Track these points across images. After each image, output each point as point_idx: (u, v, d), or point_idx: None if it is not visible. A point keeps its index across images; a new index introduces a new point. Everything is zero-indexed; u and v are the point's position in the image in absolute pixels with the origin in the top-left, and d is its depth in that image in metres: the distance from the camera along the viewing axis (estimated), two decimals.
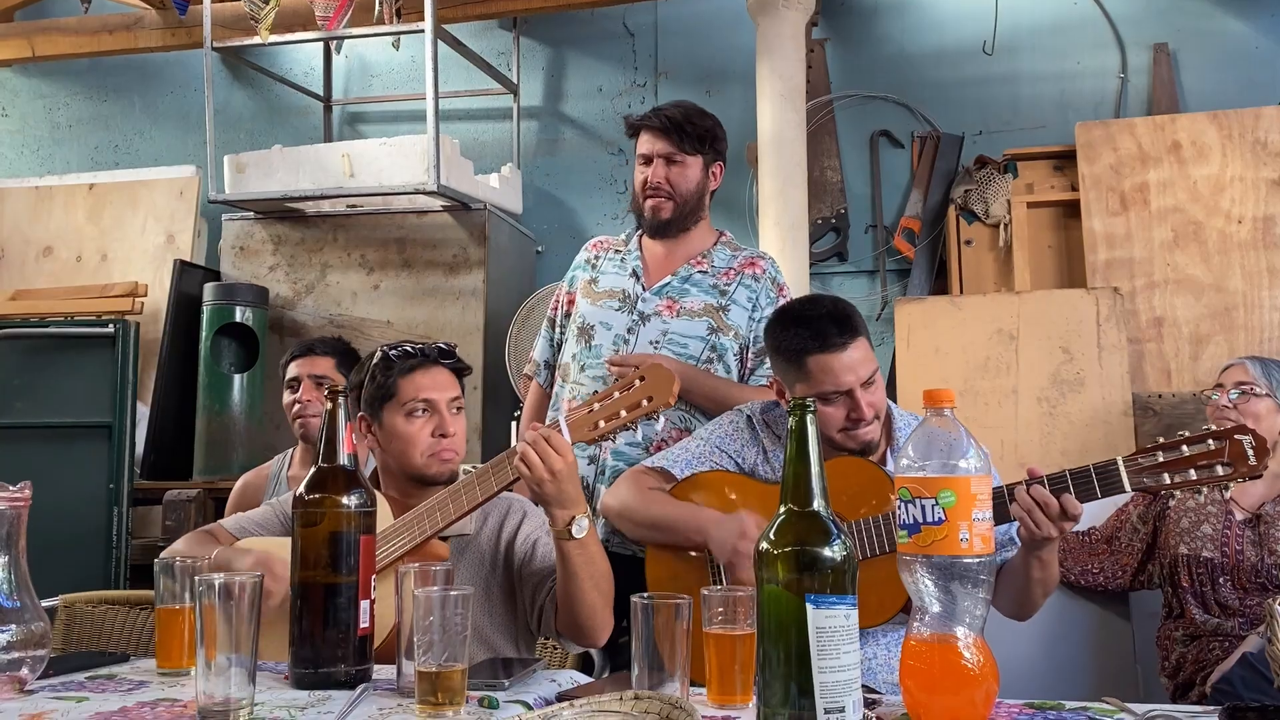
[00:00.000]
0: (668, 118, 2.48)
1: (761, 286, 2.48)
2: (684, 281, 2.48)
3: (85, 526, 3.68)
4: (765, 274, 2.51)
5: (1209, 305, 3.65)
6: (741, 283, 2.48)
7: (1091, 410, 3.39)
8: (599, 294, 2.54)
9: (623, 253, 2.59)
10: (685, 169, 2.48)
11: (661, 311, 2.46)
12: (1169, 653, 2.56)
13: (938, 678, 1.20)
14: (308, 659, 1.45)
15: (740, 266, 2.51)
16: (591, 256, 2.63)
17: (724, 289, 2.47)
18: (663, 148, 2.47)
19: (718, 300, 2.45)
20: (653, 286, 2.49)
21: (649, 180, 2.48)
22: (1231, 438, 1.67)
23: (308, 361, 2.70)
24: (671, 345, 2.42)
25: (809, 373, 1.94)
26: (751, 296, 2.47)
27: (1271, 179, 3.68)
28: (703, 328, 2.43)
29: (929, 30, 4.38)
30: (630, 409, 1.68)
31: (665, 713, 1.12)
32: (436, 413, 1.88)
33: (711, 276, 2.49)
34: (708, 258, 2.51)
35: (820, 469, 1.13)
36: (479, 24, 4.68)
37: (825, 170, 4.36)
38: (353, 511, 1.48)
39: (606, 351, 2.45)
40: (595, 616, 1.74)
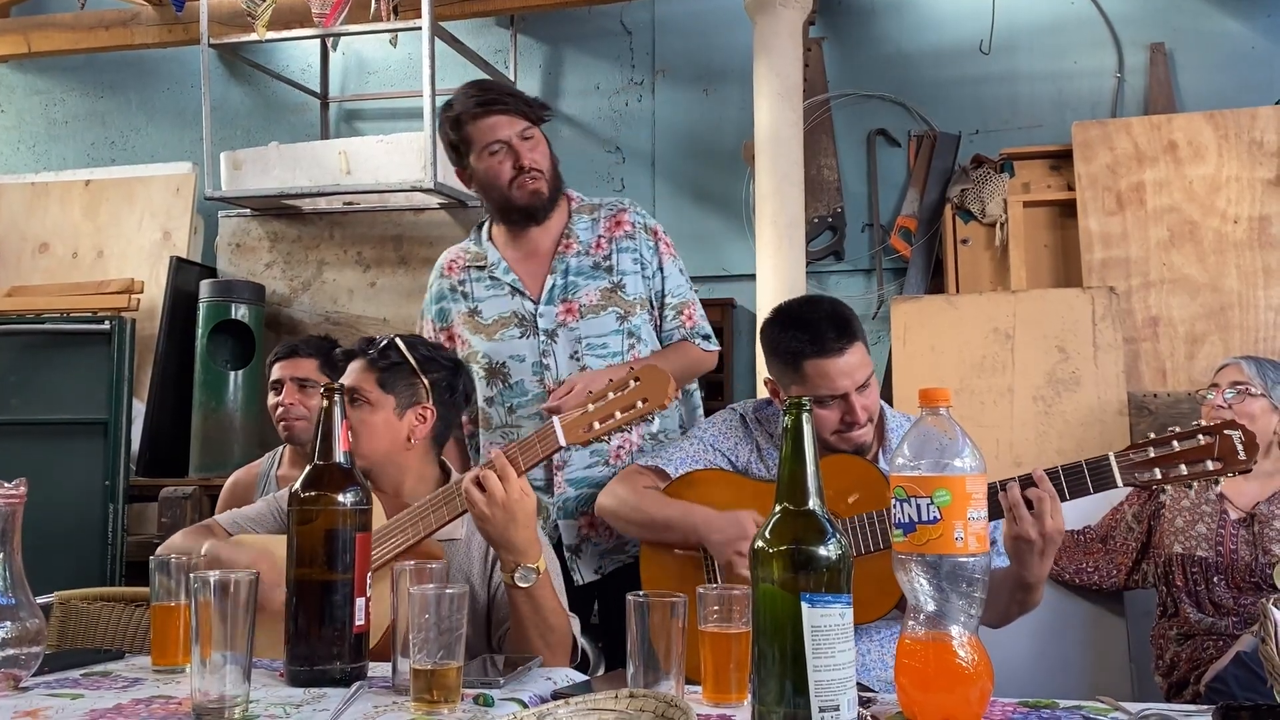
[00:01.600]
0: (505, 93, 2.28)
1: (639, 241, 2.34)
2: (565, 275, 2.31)
3: (81, 523, 3.68)
4: (636, 227, 2.35)
5: (1204, 305, 3.66)
6: (618, 248, 2.33)
7: (1087, 409, 3.39)
8: (489, 326, 2.33)
9: (486, 267, 2.36)
10: (539, 142, 2.29)
11: (564, 320, 2.29)
12: (1163, 652, 2.56)
13: (932, 676, 1.20)
14: (303, 656, 1.45)
15: (608, 230, 2.34)
16: (454, 283, 2.39)
17: (606, 264, 2.32)
18: (519, 126, 2.24)
19: (609, 280, 2.30)
20: (540, 296, 2.31)
21: (521, 163, 2.24)
22: (1222, 433, 1.68)
23: (290, 364, 2.70)
24: (591, 352, 2.28)
25: (805, 376, 1.94)
26: (635, 257, 2.33)
27: (1267, 179, 3.68)
28: (612, 320, 2.29)
29: (926, 29, 4.38)
30: (625, 410, 1.65)
31: (660, 711, 1.12)
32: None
33: (588, 256, 2.32)
34: (571, 234, 2.33)
35: (816, 468, 1.13)
36: (476, 21, 4.68)
37: (822, 169, 4.37)
38: (348, 509, 1.48)
39: (530, 384, 2.30)
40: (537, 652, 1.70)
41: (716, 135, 4.54)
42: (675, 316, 2.36)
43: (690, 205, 4.56)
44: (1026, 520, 1.67)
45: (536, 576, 1.63)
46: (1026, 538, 1.67)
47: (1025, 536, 1.67)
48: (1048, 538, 1.67)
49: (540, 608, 1.66)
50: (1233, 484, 2.58)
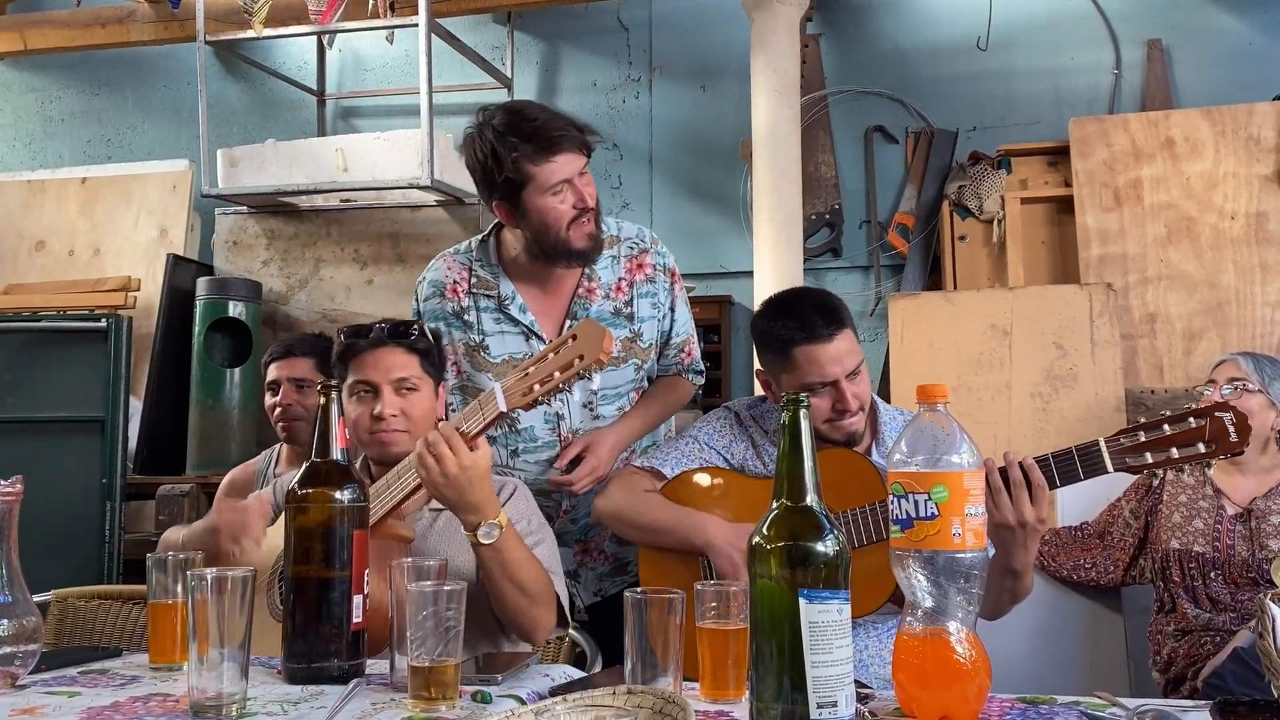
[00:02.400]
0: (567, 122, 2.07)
1: (658, 285, 2.24)
2: None
3: (78, 521, 3.67)
4: (657, 269, 2.25)
5: (1202, 301, 3.66)
6: (638, 294, 2.22)
7: (1084, 406, 3.39)
8: (497, 365, 2.18)
9: (495, 297, 2.19)
10: (590, 177, 2.12)
11: None
12: (1160, 648, 2.57)
13: (930, 672, 1.20)
14: (301, 653, 1.45)
15: (629, 274, 2.22)
16: (456, 308, 2.21)
17: (627, 311, 2.21)
18: (579, 163, 2.07)
19: (628, 329, 2.20)
20: None
21: (579, 202, 2.06)
22: (1212, 415, 1.67)
23: (286, 364, 2.69)
24: (606, 402, 2.20)
25: (795, 363, 1.95)
26: (654, 301, 2.24)
27: (1264, 175, 3.68)
28: (630, 371, 2.21)
29: (923, 26, 4.38)
30: (564, 369, 1.63)
31: (658, 707, 1.12)
32: (377, 395, 1.87)
33: (608, 300, 2.20)
34: (593, 278, 2.19)
35: (814, 464, 1.13)
36: (473, 18, 4.68)
37: (819, 166, 4.37)
38: (346, 506, 1.48)
39: (541, 432, 2.19)
40: (521, 617, 1.71)
41: (714, 132, 4.54)
42: (676, 353, 2.31)
43: (688, 202, 4.56)
44: (1006, 507, 1.66)
45: (500, 531, 1.65)
46: (1006, 524, 1.67)
47: (1005, 524, 1.67)
48: (1027, 526, 1.66)
49: (508, 563, 1.67)
50: (1230, 480, 2.58)
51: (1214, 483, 2.58)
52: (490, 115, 2.09)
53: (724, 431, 2.12)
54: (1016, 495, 1.66)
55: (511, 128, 2.03)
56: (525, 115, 2.06)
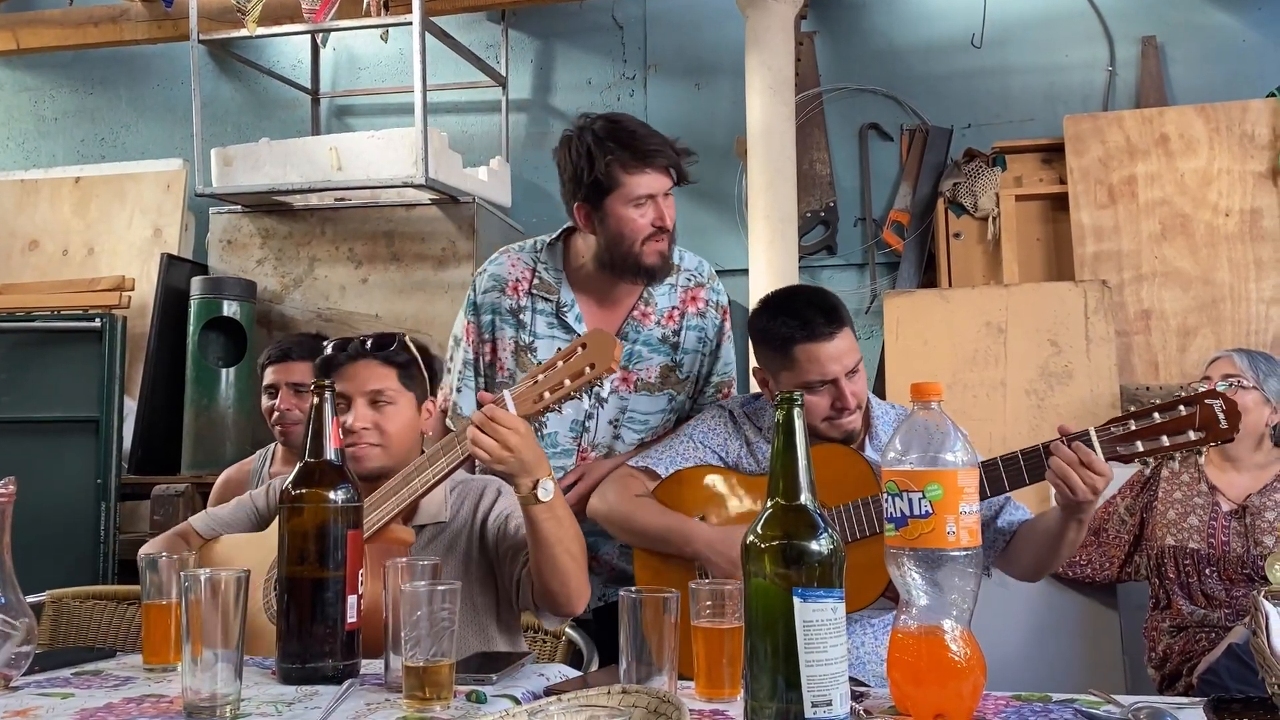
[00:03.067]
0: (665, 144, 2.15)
1: (708, 321, 2.29)
2: (634, 343, 2.22)
3: (72, 522, 3.66)
4: (709, 305, 2.29)
5: (1196, 298, 3.66)
6: (687, 325, 2.26)
7: (1079, 402, 3.40)
8: None
9: (554, 302, 2.22)
10: (673, 201, 2.19)
11: (618, 388, 2.21)
12: (1156, 644, 2.57)
13: (925, 670, 1.20)
14: (295, 654, 1.45)
15: (683, 304, 2.27)
16: (513, 305, 2.23)
17: (674, 340, 2.25)
18: (664, 184, 2.14)
19: (670, 358, 2.25)
20: None
21: (658, 220, 2.11)
22: (1202, 402, 1.68)
23: (284, 368, 2.68)
24: (631, 425, 2.24)
25: (795, 362, 1.95)
26: (701, 336, 2.29)
27: (1258, 172, 3.69)
28: (663, 400, 2.26)
29: (917, 23, 4.38)
30: (574, 377, 1.65)
31: (653, 706, 1.12)
32: (350, 408, 1.87)
33: (659, 326, 2.25)
34: (650, 302, 2.24)
35: (808, 462, 1.13)
36: (467, 16, 4.67)
37: (814, 163, 4.37)
38: (340, 506, 1.48)
39: (564, 440, 2.23)
40: (570, 582, 1.72)
41: (708, 130, 4.53)
42: (714, 393, 2.31)
43: (682, 200, 4.51)
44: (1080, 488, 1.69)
45: (554, 485, 1.67)
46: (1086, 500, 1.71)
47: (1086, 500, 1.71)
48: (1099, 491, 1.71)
49: (562, 519, 1.69)
50: (1224, 476, 2.59)
51: (1209, 479, 2.59)
52: (593, 120, 2.14)
53: (718, 430, 2.12)
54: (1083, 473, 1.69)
55: (612, 134, 2.09)
56: (627, 126, 2.12)
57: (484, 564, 1.89)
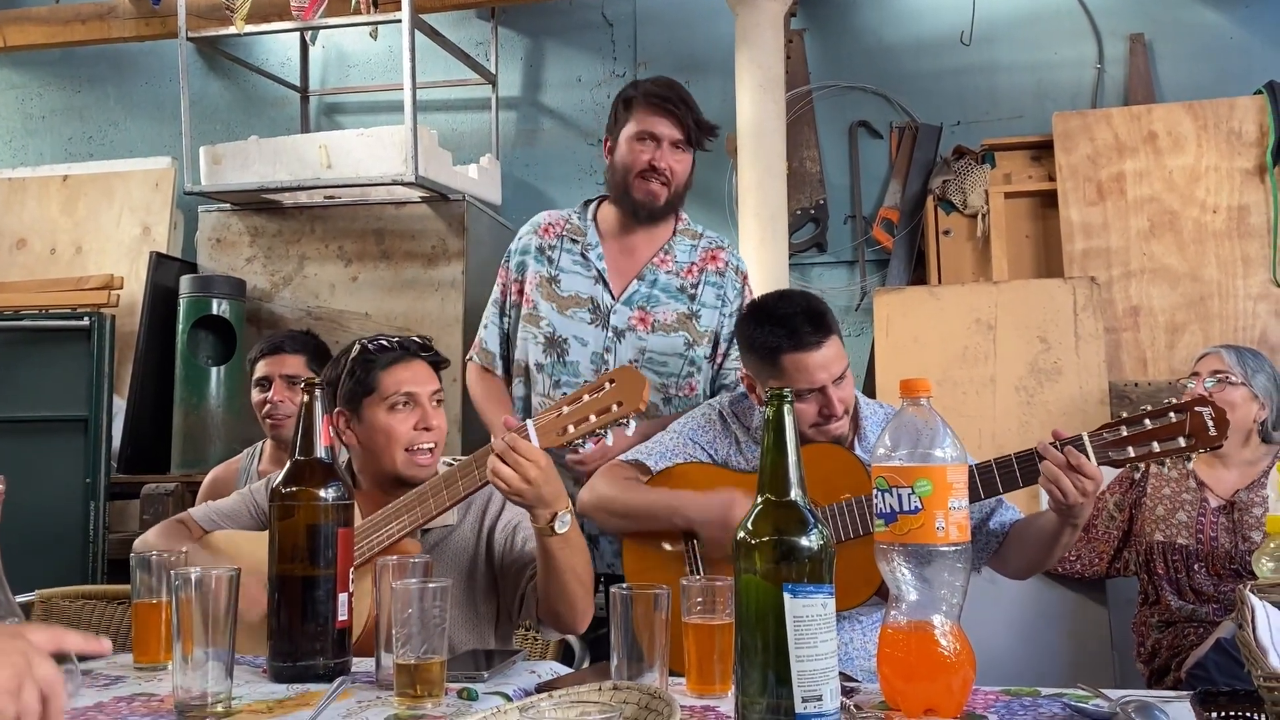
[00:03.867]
0: (685, 105, 2.38)
1: (727, 280, 2.44)
2: (652, 286, 2.42)
3: (62, 521, 3.65)
4: (729, 266, 2.46)
5: (1184, 294, 3.68)
6: (706, 280, 2.43)
7: (1069, 399, 3.41)
8: (564, 299, 2.43)
9: (580, 244, 2.46)
10: (685, 158, 2.41)
11: (635, 325, 2.39)
12: (1145, 639, 2.58)
13: (915, 665, 1.20)
14: (286, 652, 1.45)
15: (703, 261, 2.44)
16: (544, 244, 2.48)
17: (691, 290, 2.42)
18: (673, 133, 2.37)
19: (688, 306, 2.40)
20: (622, 296, 2.41)
21: (655, 161, 2.35)
22: (1192, 410, 1.70)
23: (277, 360, 2.68)
24: (650, 365, 2.37)
25: (783, 370, 1.95)
26: (719, 293, 2.43)
27: (1246, 169, 3.70)
28: (679, 343, 2.39)
29: (907, 20, 4.38)
30: (600, 413, 1.64)
31: (644, 703, 1.12)
32: (419, 405, 1.86)
33: (677, 276, 2.42)
34: (670, 253, 2.44)
35: (798, 459, 1.13)
36: (457, 14, 4.66)
37: (804, 161, 4.37)
38: (330, 504, 1.48)
39: (585, 370, 2.39)
40: (577, 605, 1.73)
41: None
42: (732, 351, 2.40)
43: None
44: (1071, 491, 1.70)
45: (571, 517, 1.66)
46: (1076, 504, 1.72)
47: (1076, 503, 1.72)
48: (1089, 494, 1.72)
49: (575, 549, 1.69)
50: (1213, 472, 2.60)
51: (1197, 475, 2.60)
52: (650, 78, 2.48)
53: (708, 428, 2.12)
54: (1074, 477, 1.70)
55: (649, 82, 2.44)
56: (663, 80, 2.45)
57: (489, 573, 1.88)
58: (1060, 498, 1.72)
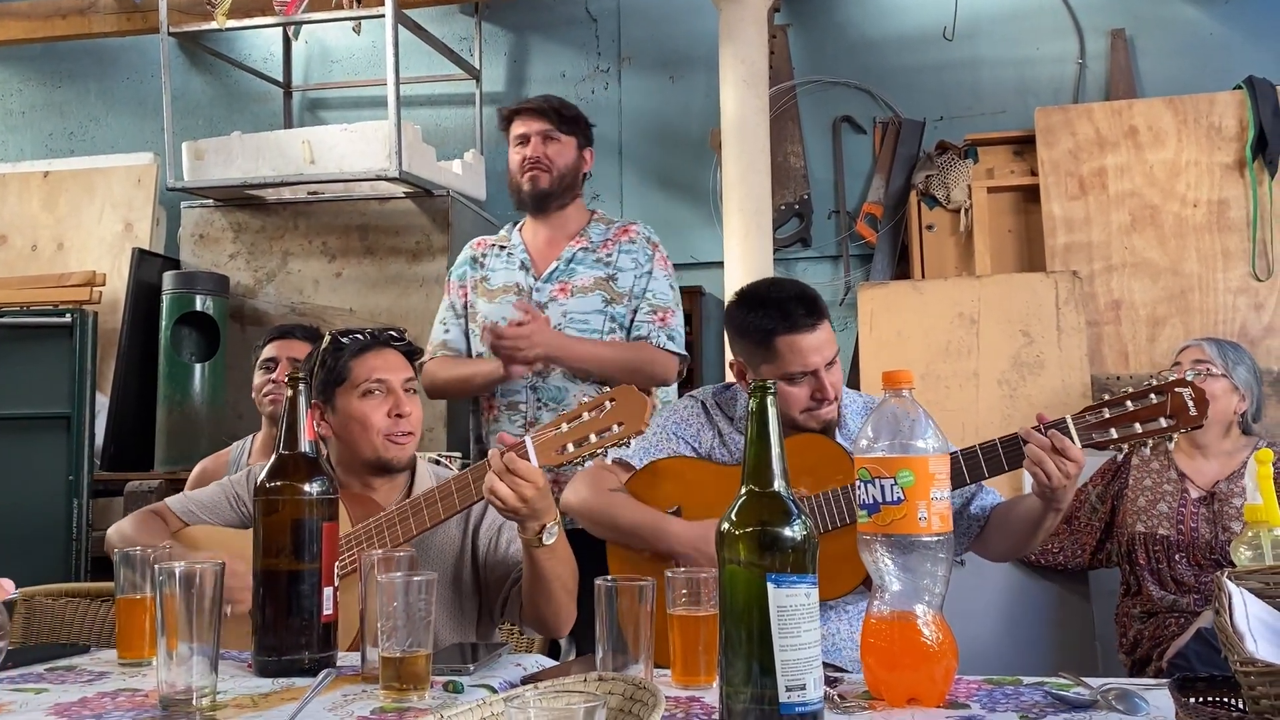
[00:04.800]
0: (543, 100, 2.65)
1: (639, 246, 2.62)
2: (569, 263, 2.60)
3: (45, 519, 3.63)
4: (640, 235, 2.65)
5: (1165, 288, 3.70)
6: (621, 249, 2.62)
7: (1051, 392, 3.43)
8: (494, 291, 2.63)
9: (507, 247, 2.68)
10: (562, 147, 2.62)
11: (556, 296, 2.58)
12: (1127, 629, 2.60)
13: (898, 654, 1.21)
14: (271, 646, 1.44)
15: (615, 236, 2.64)
16: (477, 255, 2.72)
17: (607, 259, 2.60)
18: (539, 127, 2.61)
19: (605, 271, 2.59)
20: (543, 275, 2.60)
21: (527, 156, 2.60)
22: (1172, 390, 1.72)
23: (286, 344, 2.70)
24: (573, 325, 2.54)
25: (777, 353, 1.96)
26: (633, 258, 2.61)
27: (1226, 163, 3.73)
28: (598, 301, 2.56)
29: (890, 16, 4.40)
30: (600, 433, 1.63)
31: (629, 694, 1.12)
32: (391, 393, 1.87)
33: (593, 252, 2.62)
34: (585, 235, 2.64)
35: (781, 450, 1.13)
36: (440, 9, 4.65)
37: (788, 156, 4.38)
38: (315, 498, 1.48)
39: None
40: (561, 612, 1.74)
41: (683, 123, 4.54)
42: (649, 314, 2.57)
43: (657, 193, 4.56)
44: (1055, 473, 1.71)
45: (559, 529, 1.67)
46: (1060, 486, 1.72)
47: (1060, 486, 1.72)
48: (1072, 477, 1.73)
49: (562, 558, 1.70)
50: (1193, 463, 2.62)
51: (1178, 466, 2.62)
52: None
53: (691, 420, 2.12)
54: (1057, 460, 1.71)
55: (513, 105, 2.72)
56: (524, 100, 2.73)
57: (473, 572, 1.88)
58: (1045, 480, 1.73)
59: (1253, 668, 0.89)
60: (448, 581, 1.84)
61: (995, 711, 1.17)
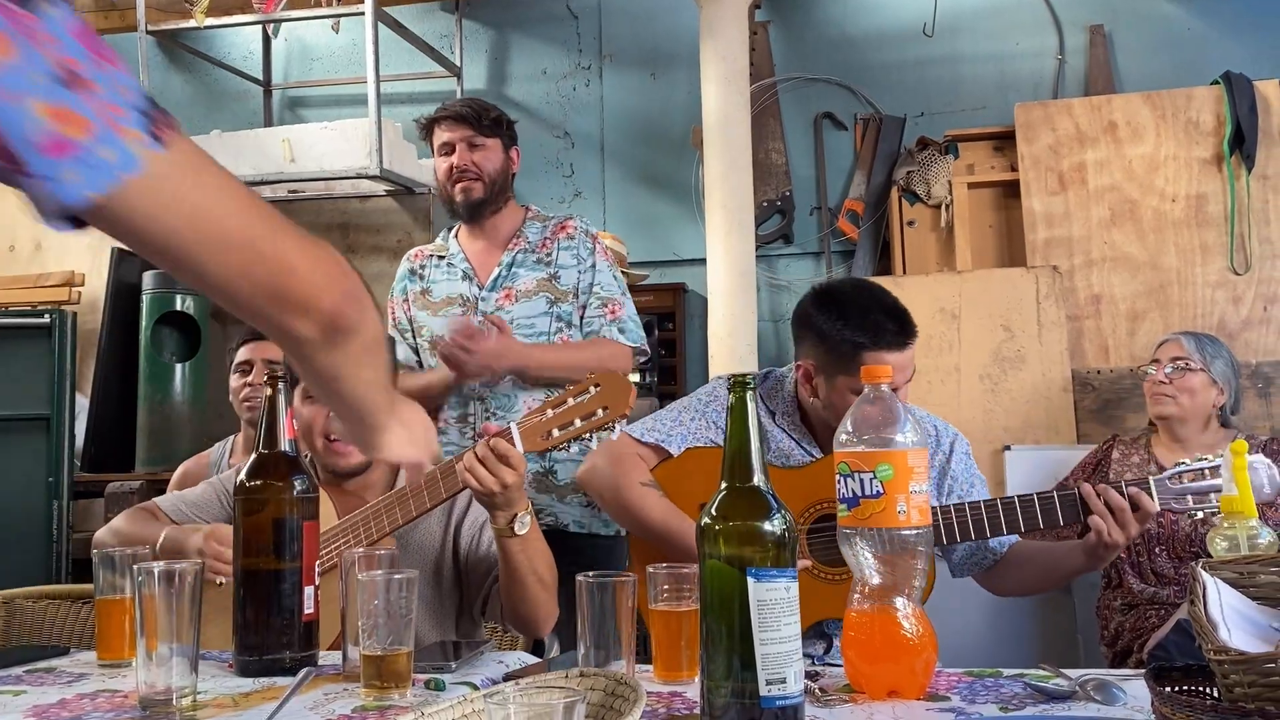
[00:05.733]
0: (463, 105, 2.58)
1: (578, 241, 2.56)
2: (510, 267, 2.54)
3: (24, 521, 3.61)
4: (578, 229, 2.58)
5: (1145, 282, 3.73)
6: (560, 246, 2.55)
7: (1032, 386, 3.45)
8: (437, 304, 2.56)
9: (446, 257, 2.61)
10: (488, 151, 2.55)
11: (502, 304, 2.52)
12: (1108, 622, 2.62)
13: (878, 647, 1.22)
14: (252, 646, 1.44)
15: (553, 233, 2.58)
16: (415, 267, 2.65)
17: (547, 259, 2.54)
18: (462, 134, 2.54)
19: (546, 271, 2.53)
20: (486, 283, 2.54)
21: (455, 165, 2.53)
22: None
23: (259, 346, 2.67)
24: (519, 330, 2.47)
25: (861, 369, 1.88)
26: (574, 254, 2.55)
27: (1203, 158, 3.76)
28: (541, 303, 2.50)
29: (870, 13, 4.41)
30: (585, 418, 1.62)
31: (611, 689, 1.12)
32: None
33: (533, 253, 2.56)
34: (522, 236, 2.58)
35: (760, 444, 1.14)
36: (420, 6, 4.64)
37: (770, 153, 4.39)
38: (295, 497, 1.47)
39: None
40: (539, 609, 1.73)
41: (665, 120, 4.54)
42: (600, 308, 2.51)
43: (640, 190, 4.56)
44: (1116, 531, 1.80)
45: (531, 519, 1.66)
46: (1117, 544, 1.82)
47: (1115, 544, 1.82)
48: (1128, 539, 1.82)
49: (535, 550, 1.68)
50: (1173, 456, 2.63)
51: (1158, 460, 2.64)
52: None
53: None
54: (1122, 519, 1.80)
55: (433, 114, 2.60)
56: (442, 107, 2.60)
57: (454, 569, 1.88)
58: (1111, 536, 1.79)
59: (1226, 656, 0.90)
60: (428, 578, 1.84)
61: (975, 703, 1.18)
